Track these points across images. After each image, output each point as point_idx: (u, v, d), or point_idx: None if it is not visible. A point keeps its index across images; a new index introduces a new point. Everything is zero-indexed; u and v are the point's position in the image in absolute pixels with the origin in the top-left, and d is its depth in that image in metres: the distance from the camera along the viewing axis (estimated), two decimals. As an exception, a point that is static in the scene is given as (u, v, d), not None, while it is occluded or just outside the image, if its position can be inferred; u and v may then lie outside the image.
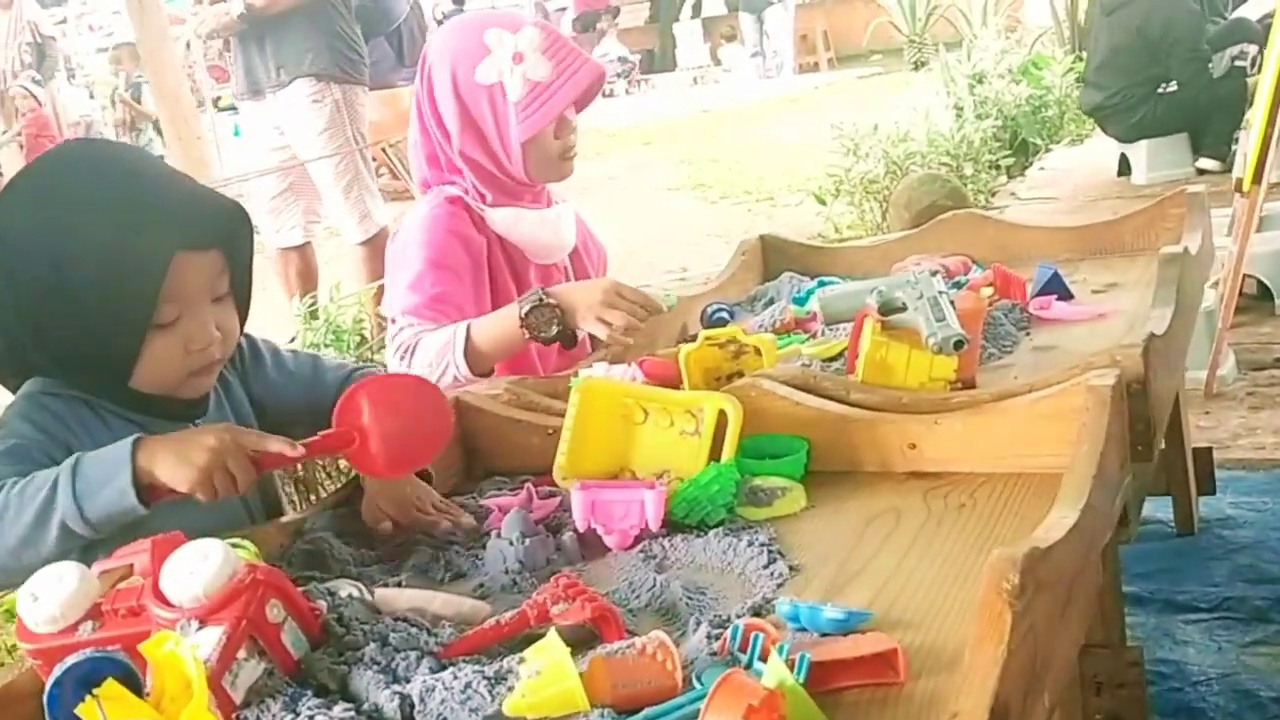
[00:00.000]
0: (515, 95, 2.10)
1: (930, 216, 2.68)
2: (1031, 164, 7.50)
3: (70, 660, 0.96)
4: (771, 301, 2.39)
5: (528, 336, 1.95)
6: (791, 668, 1.02)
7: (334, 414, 1.42)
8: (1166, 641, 2.20)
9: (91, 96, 14.32)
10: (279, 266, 4.87)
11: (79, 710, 0.93)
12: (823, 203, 6.51)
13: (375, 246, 4.43)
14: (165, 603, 1.08)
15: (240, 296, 1.55)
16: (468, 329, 2.00)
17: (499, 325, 1.98)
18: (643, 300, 1.89)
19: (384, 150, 4.56)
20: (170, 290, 1.42)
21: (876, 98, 10.82)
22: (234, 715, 1.05)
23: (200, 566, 1.08)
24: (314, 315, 3.39)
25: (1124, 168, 6.37)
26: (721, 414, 1.50)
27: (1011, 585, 0.95)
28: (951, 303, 1.73)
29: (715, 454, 1.50)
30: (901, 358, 1.68)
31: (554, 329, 1.93)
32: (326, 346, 3.23)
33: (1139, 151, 6.15)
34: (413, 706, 1.05)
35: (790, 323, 2.23)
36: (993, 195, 6.76)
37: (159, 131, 11.24)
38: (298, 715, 1.04)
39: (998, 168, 7.13)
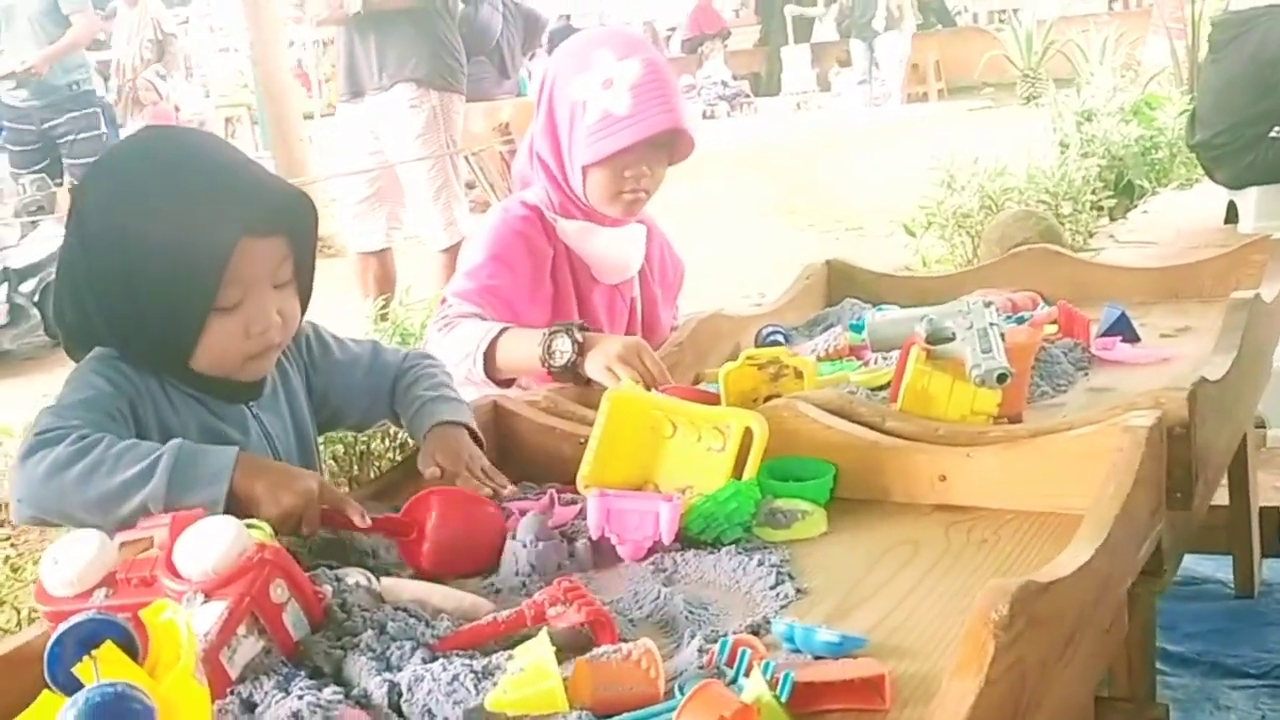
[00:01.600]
0: (589, 119, 2.13)
1: (1022, 254, 2.64)
2: (1136, 206, 7.36)
3: (72, 620, 0.99)
4: (830, 327, 2.38)
5: (538, 356, 1.95)
6: (776, 686, 1.03)
7: (406, 505, 1.46)
8: (1208, 705, 2.13)
9: (207, 95, 14.70)
10: (358, 270, 4.95)
11: (76, 669, 0.96)
12: (912, 234, 6.45)
13: (456, 255, 4.49)
14: (176, 575, 1.11)
15: (303, 284, 1.58)
16: (499, 332, 2.01)
17: (525, 342, 1.98)
18: (658, 372, 1.87)
19: (466, 159, 4.60)
20: (233, 275, 1.46)
21: (984, 131, 10.70)
22: (229, 690, 1.07)
23: (212, 543, 1.11)
24: (384, 317, 3.44)
25: (1231, 215, 6.21)
26: (748, 431, 1.50)
27: (999, 616, 0.94)
28: (1002, 335, 1.71)
29: (740, 472, 1.50)
30: (944, 388, 1.67)
31: (566, 360, 1.92)
32: (393, 349, 3.28)
33: (1248, 199, 5.97)
34: (400, 695, 1.06)
35: (844, 349, 2.22)
36: (1091, 236, 6.63)
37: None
38: (288, 694, 1.06)
39: (1100, 209, 7.00)
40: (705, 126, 15.44)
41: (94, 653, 0.97)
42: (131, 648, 1.00)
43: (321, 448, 1.89)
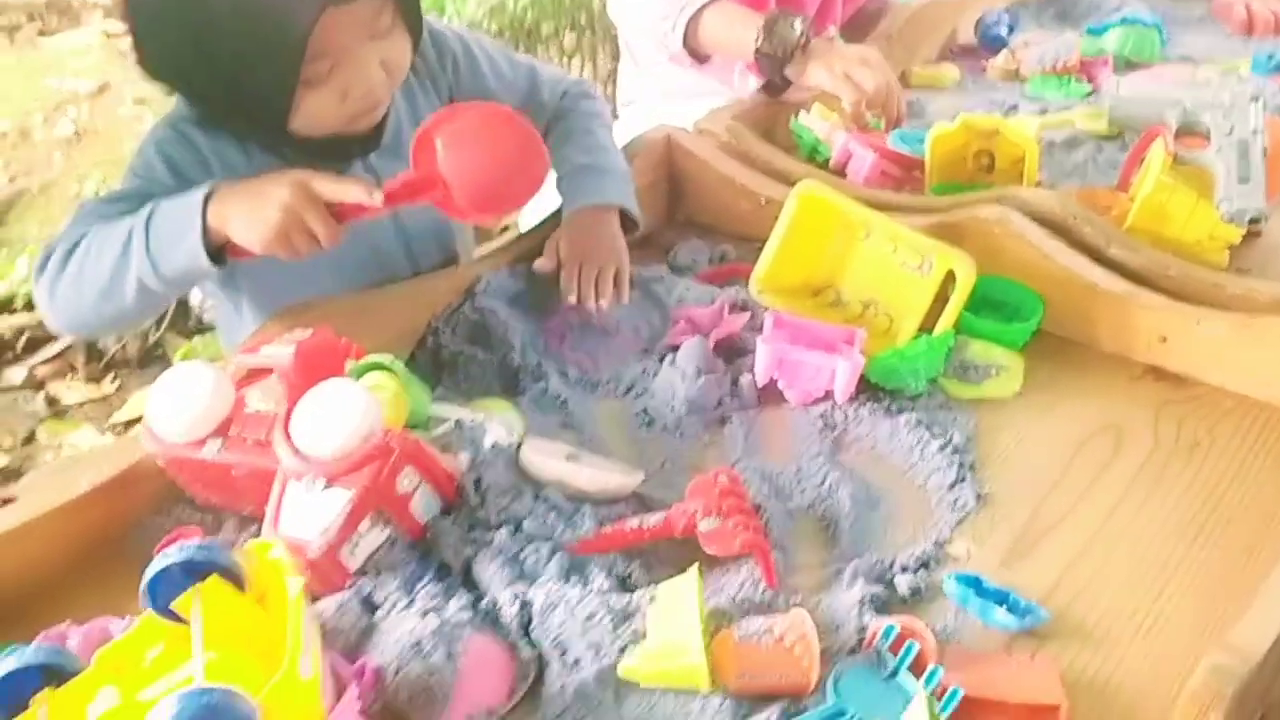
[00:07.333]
0: None
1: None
2: None
3: (178, 550, 0.87)
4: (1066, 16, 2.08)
5: (755, 33, 1.71)
6: (941, 697, 0.92)
7: (411, 156, 1.22)
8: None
9: None
10: None
11: (175, 605, 0.87)
12: None
13: None
14: (292, 444, 1.00)
15: (410, 19, 1.33)
16: (708, 2, 1.78)
17: (739, 17, 1.76)
18: (899, 95, 1.66)
19: None
20: (318, 48, 1.22)
21: None
22: (347, 582, 1.00)
23: (335, 420, 0.98)
24: None
25: None
26: (949, 275, 1.31)
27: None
28: (1265, 149, 1.44)
29: (934, 322, 1.32)
30: (1185, 207, 1.44)
31: (788, 46, 1.68)
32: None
33: None
34: (531, 619, 0.98)
35: (1075, 64, 1.94)
36: None
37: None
38: (412, 601, 0.98)
39: None
40: None
41: (198, 586, 0.87)
42: (236, 579, 0.90)
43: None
